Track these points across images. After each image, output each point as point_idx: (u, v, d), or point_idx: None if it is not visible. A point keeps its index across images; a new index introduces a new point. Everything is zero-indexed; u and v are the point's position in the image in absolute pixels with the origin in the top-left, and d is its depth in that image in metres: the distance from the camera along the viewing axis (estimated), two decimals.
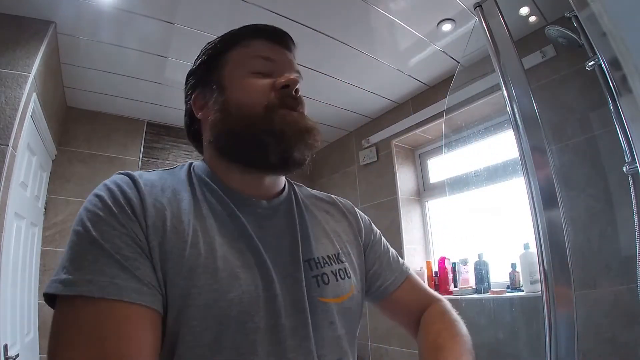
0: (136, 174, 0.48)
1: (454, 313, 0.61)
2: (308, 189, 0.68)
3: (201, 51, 0.61)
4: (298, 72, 0.57)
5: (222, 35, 0.59)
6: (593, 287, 1.31)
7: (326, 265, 0.54)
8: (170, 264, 0.41)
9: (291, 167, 0.53)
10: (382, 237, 0.70)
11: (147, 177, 0.48)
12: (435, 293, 0.67)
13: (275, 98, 0.51)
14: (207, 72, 0.57)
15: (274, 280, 0.47)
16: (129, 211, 0.42)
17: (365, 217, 0.70)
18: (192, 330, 0.40)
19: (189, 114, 0.60)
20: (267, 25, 0.57)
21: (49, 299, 0.40)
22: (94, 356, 0.35)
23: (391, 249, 0.69)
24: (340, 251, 0.58)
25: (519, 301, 1.55)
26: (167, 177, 0.52)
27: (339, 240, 0.60)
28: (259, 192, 0.55)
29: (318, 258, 0.54)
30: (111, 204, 0.42)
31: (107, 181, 0.46)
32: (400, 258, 0.69)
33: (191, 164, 0.58)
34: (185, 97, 0.61)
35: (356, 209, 0.70)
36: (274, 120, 0.50)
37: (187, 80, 0.61)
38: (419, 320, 0.61)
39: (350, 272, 0.57)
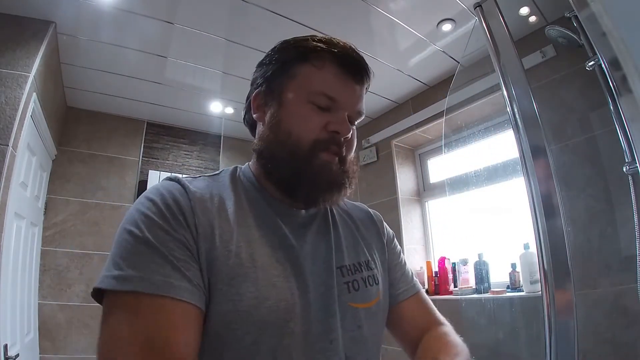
0: (186, 181, 0.51)
1: (457, 337, 0.61)
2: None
3: (278, 44, 0.58)
4: (360, 112, 0.57)
5: (301, 40, 0.56)
6: (593, 287, 1.31)
7: (357, 272, 0.56)
8: (216, 270, 0.44)
9: (313, 207, 0.58)
10: (402, 253, 0.72)
11: (195, 184, 0.51)
12: (442, 317, 0.66)
13: (323, 138, 0.52)
14: (274, 75, 0.56)
15: (309, 289, 0.50)
16: (181, 218, 0.45)
17: (390, 230, 0.73)
18: (235, 334, 0.43)
19: (247, 109, 0.61)
20: (348, 50, 0.55)
21: (97, 293, 0.41)
22: (145, 349, 0.37)
23: (408, 265, 0.71)
24: (370, 259, 0.61)
25: (519, 301, 1.55)
26: (214, 185, 0.54)
27: (369, 247, 0.63)
28: (297, 203, 0.56)
29: (349, 265, 0.56)
30: (164, 209, 0.45)
31: (158, 185, 0.49)
32: (414, 277, 0.70)
33: (236, 168, 0.60)
34: (251, 84, 0.60)
35: (383, 220, 0.72)
36: (313, 164, 0.51)
37: (257, 67, 0.60)
38: (419, 339, 0.60)
39: (379, 279, 0.59)
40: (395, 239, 0.72)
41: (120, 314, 0.39)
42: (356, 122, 0.58)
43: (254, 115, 0.59)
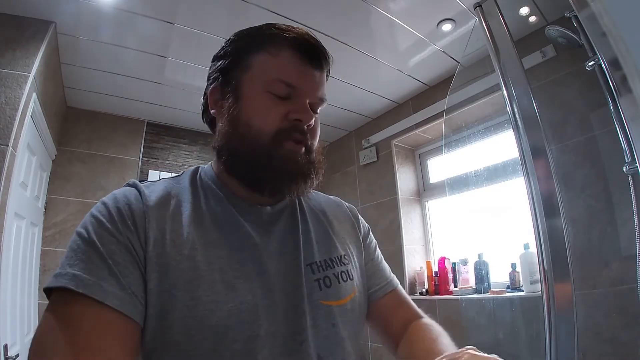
0: (143, 185, 0.51)
1: (439, 326, 0.60)
2: (312, 191, 0.68)
3: (233, 35, 0.57)
4: (322, 98, 0.55)
5: (256, 29, 0.55)
6: (593, 287, 1.31)
7: (328, 268, 0.54)
8: (169, 276, 0.43)
9: (280, 199, 0.56)
10: (378, 248, 0.69)
11: (153, 189, 0.51)
12: (421, 311, 0.65)
13: (285, 128, 0.50)
14: (229, 67, 0.54)
15: (274, 288, 0.48)
16: (129, 222, 0.44)
17: (366, 224, 0.70)
18: (192, 340, 0.41)
19: (205, 105, 0.59)
20: (303, 36, 0.52)
21: (48, 294, 0.41)
22: (62, 354, 0.36)
23: (384, 262, 0.68)
24: (344, 253, 0.58)
25: (519, 301, 1.55)
26: (173, 186, 0.53)
27: (342, 242, 0.60)
28: (262, 199, 0.55)
29: (320, 262, 0.54)
30: (114, 213, 0.45)
31: (116, 191, 0.49)
32: (391, 272, 0.68)
33: (198, 168, 0.60)
34: (207, 79, 0.59)
35: (358, 214, 0.70)
36: (277, 155, 0.49)
37: (212, 61, 0.58)
38: (400, 335, 0.59)
39: (353, 274, 0.57)
40: (371, 233, 0.69)
41: (50, 308, 0.39)
42: (319, 110, 0.55)
43: (212, 111, 0.57)
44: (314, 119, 0.52)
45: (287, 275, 0.50)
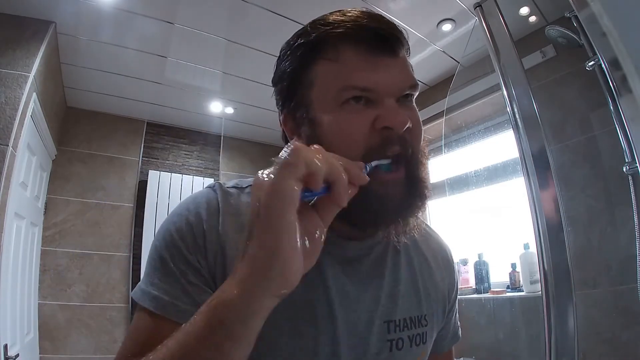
0: (229, 192, 0.45)
1: None
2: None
3: (282, 52, 0.47)
4: (412, 84, 0.43)
5: (302, 34, 0.45)
6: (593, 287, 1.31)
7: (405, 329, 0.47)
8: None
9: (373, 234, 0.46)
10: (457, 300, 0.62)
11: (237, 200, 0.45)
12: None
13: (375, 144, 0.40)
14: (292, 89, 0.45)
15: (340, 338, 0.43)
16: (201, 242, 0.41)
17: (458, 275, 0.64)
18: None
19: (284, 135, 0.50)
20: (359, 22, 0.41)
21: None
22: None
23: (457, 314, 0.62)
24: (426, 313, 0.50)
25: (519, 301, 1.55)
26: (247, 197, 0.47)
27: (428, 298, 0.51)
28: (350, 231, 0.44)
29: (399, 320, 0.47)
30: (186, 231, 0.42)
31: (198, 195, 0.45)
32: (458, 328, 0.62)
33: None
34: (277, 106, 0.49)
35: (454, 263, 0.61)
36: (370, 189, 0.36)
37: (274, 85, 0.49)
38: None
39: (427, 337, 0.50)
40: (457, 285, 0.60)
41: (132, 326, 0.42)
42: (414, 101, 0.44)
43: (292, 140, 0.46)
44: (409, 119, 0.40)
45: (356, 327, 0.44)
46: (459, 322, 0.61)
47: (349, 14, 0.43)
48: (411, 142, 0.42)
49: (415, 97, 0.45)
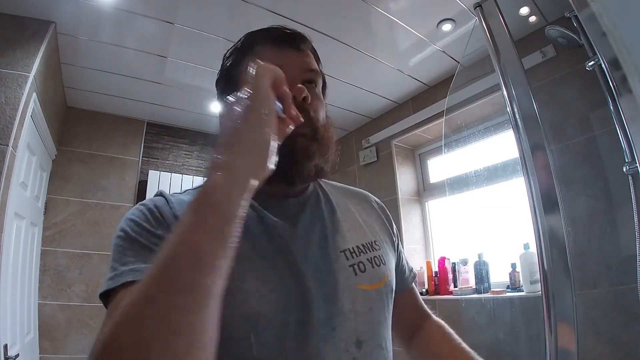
0: (169, 194, 0.53)
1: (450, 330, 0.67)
2: (335, 183, 0.70)
3: (223, 58, 0.62)
4: (313, 69, 0.55)
5: (238, 41, 0.60)
6: (593, 287, 1.31)
7: (362, 253, 0.55)
8: None
9: (308, 182, 0.56)
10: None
11: (178, 197, 0.53)
12: (428, 309, 0.72)
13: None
14: (226, 84, 0.58)
15: (306, 276, 0.48)
16: (161, 218, 0.47)
17: (388, 212, 0.72)
18: (226, 328, 0.41)
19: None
20: (273, 28, 0.57)
21: (104, 299, 0.42)
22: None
23: (405, 257, 0.71)
24: (374, 239, 0.59)
25: (519, 301, 1.55)
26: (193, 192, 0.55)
27: (372, 229, 0.61)
28: (281, 191, 0.55)
29: (353, 248, 0.55)
30: (147, 213, 0.47)
31: (145, 200, 0.52)
32: (412, 269, 0.72)
33: None
34: (218, 100, 0.63)
35: (385, 208, 0.71)
36: (287, 140, 0.46)
37: (217, 84, 0.63)
38: (412, 329, 0.66)
39: (386, 260, 0.58)
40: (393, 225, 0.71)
41: (112, 307, 0.39)
42: (317, 84, 0.56)
43: None
44: (305, 90, 0.50)
45: (317, 263, 0.50)
46: (409, 268, 0.71)
47: (268, 28, 0.58)
48: (312, 110, 0.52)
49: (319, 84, 0.57)
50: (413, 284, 0.70)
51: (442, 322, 0.68)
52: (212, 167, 0.34)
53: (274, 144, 0.37)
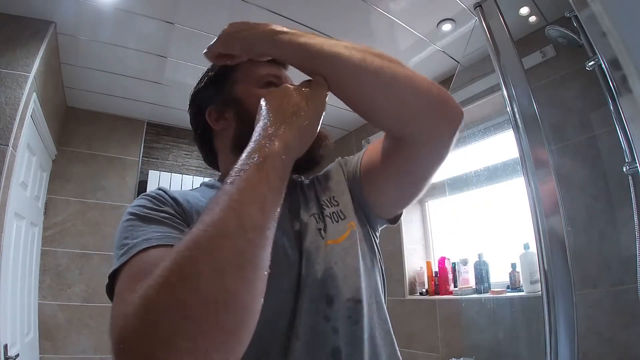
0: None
1: None
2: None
3: (205, 72, 0.68)
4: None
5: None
6: (593, 287, 1.31)
7: (325, 216, 0.57)
8: None
9: (313, 168, 0.61)
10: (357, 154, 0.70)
11: (173, 191, 0.56)
12: None
13: None
14: (217, 89, 0.63)
15: (276, 244, 0.49)
16: (167, 202, 0.50)
17: (347, 158, 0.71)
18: None
19: (202, 127, 0.65)
20: None
21: (110, 286, 0.40)
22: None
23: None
24: (331, 196, 0.61)
25: (519, 301, 1.55)
26: (188, 191, 0.60)
27: (326, 189, 0.63)
28: None
29: (317, 211, 0.58)
30: (152, 199, 0.50)
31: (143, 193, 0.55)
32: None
33: (213, 179, 0.68)
34: (196, 111, 0.67)
35: (340, 160, 0.71)
36: None
37: (195, 96, 0.68)
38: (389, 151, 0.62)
39: (345, 214, 0.58)
40: (353, 157, 0.70)
41: (128, 274, 0.38)
42: None
43: (216, 127, 0.63)
44: None
45: (286, 226, 0.54)
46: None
47: None
48: None
49: None
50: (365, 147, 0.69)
51: None
52: (269, 138, 0.40)
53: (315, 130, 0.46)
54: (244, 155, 0.38)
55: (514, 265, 1.68)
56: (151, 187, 2.40)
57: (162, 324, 0.27)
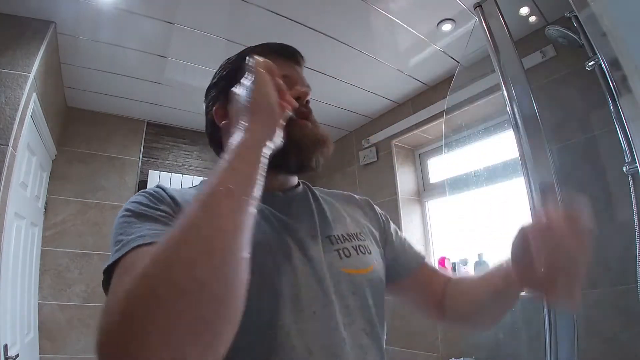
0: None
1: None
2: (322, 188, 0.73)
3: (220, 67, 0.68)
4: (308, 85, 0.63)
5: (240, 52, 0.65)
6: (593, 287, 1.31)
7: (346, 241, 0.58)
8: None
9: (306, 171, 0.60)
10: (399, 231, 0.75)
11: (172, 189, 0.57)
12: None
13: (291, 110, 0.55)
14: (227, 86, 0.62)
15: (293, 256, 0.51)
16: (164, 200, 0.50)
17: (383, 212, 0.75)
18: None
19: (211, 124, 0.66)
20: (282, 45, 0.63)
21: (106, 280, 0.41)
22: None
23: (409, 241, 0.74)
24: (359, 231, 0.62)
25: (519, 301, 1.55)
26: (187, 189, 0.60)
27: (357, 223, 0.65)
28: (273, 186, 0.58)
29: (338, 235, 0.58)
30: (149, 196, 0.50)
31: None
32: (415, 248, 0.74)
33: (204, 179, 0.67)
34: (206, 109, 0.67)
35: (374, 204, 0.74)
36: (294, 131, 0.53)
37: (207, 93, 0.68)
38: (440, 299, 0.66)
39: (371, 250, 0.60)
40: (389, 219, 0.74)
41: (121, 270, 0.39)
42: (308, 97, 0.62)
43: (221, 124, 0.62)
44: (310, 94, 0.60)
45: (304, 243, 0.53)
46: (416, 249, 0.73)
47: (267, 43, 0.64)
48: (311, 112, 0.60)
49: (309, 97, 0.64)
50: (427, 258, 0.72)
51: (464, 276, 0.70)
52: (237, 129, 0.43)
53: (280, 113, 0.46)
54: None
55: None
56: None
57: (136, 316, 0.28)
